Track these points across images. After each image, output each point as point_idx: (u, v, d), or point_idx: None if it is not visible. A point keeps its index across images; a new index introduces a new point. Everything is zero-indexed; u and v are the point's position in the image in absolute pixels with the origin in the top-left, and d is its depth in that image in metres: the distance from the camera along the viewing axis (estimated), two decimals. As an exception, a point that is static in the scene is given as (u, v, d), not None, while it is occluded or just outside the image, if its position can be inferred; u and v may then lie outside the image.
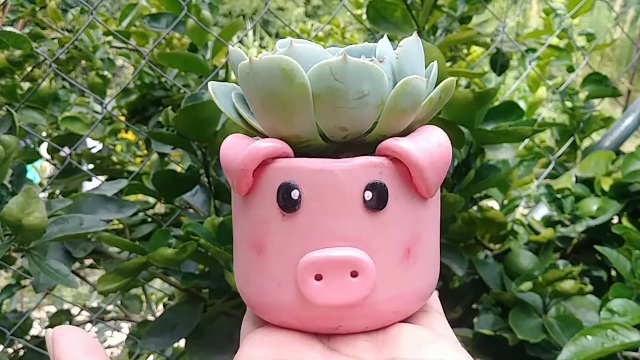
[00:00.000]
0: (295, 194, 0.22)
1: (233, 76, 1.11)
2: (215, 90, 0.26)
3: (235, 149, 0.24)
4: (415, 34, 0.25)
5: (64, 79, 0.98)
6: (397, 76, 0.23)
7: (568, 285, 0.74)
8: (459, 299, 0.89)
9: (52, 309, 1.49)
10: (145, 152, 1.18)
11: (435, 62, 0.26)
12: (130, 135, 1.22)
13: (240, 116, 0.25)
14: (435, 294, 0.28)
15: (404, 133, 0.24)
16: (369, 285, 0.22)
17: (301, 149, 0.24)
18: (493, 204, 1.01)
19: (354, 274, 0.22)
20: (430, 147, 0.23)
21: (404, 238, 0.23)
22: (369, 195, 0.22)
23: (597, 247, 0.71)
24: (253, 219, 0.24)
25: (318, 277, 0.22)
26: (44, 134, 1.05)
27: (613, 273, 0.90)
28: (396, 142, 0.23)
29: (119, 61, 1.22)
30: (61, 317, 1.01)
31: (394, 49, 0.24)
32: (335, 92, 0.22)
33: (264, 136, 0.24)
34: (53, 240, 0.62)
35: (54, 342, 0.24)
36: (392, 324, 0.24)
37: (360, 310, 0.23)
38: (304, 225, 0.23)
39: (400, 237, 0.23)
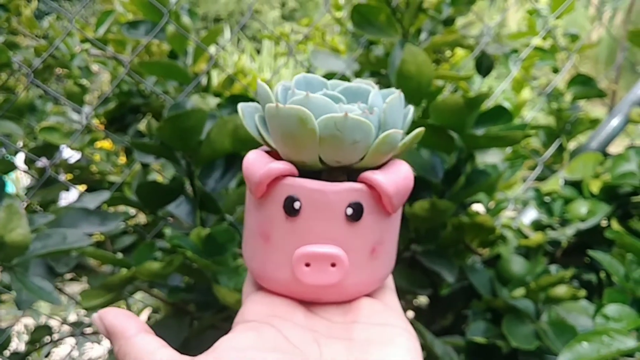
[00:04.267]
0: (297, 205, 0.30)
1: (214, 82, 1.10)
2: (244, 111, 0.33)
3: (256, 165, 0.31)
4: (399, 91, 0.32)
5: (40, 88, 0.96)
6: (382, 126, 0.31)
7: (561, 290, 0.73)
8: (450, 305, 0.88)
9: (30, 321, 1.45)
10: (124, 160, 1.16)
11: (412, 108, 0.34)
12: (107, 144, 1.19)
13: (261, 135, 0.32)
14: (390, 275, 0.36)
15: (382, 165, 0.32)
16: (343, 273, 0.31)
17: (304, 169, 0.31)
18: (478, 207, 1.00)
19: (333, 265, 0.30)
20: (397, 179, 0.31)
21: (372, 241, 0.32)
22: (350, 210, 0.30)
23: (590, 253, 0.70)
24: (264, 216, 0.32)
25: (307, 265, 0.30)
26: (20, 144, 1.02)
27: (602, 276, 0.89)
28: (373, 174, 0.31)
29: (95, 67, 1.19)
30: (42, 332, 0.98)
31: (380, 91, 0.32)
32: (335, 138, 0.29)
33: (276, 153, 0.32)
34: (36, 257, 0.60)
35: (104, 322, 0.31)
36: (356, 298, 0.33)
37: (335, 289, 0.31)
38: (301, 227, 0.31)
39: (368, 240, 0.31)
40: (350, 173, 0.32)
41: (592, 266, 0.89)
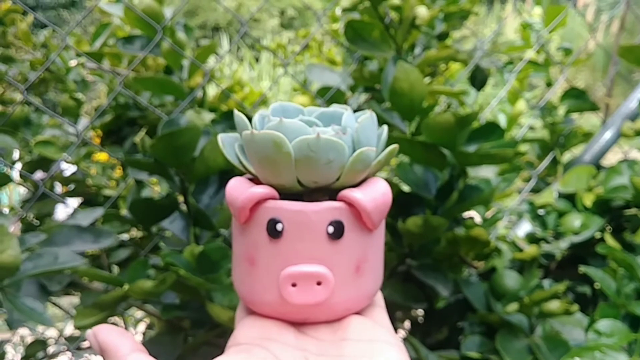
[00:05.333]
0: (279, 227, 0.31)
1: (210, 95, 1.10)
2: (224, 141, 0.34)
3: (238, 190, 0.32)
4: (370, 111, 0.33)
5: (34, 105, 0.96)
6: (356, 145, 0.32)
7: (554, 305, 0.73)
8: (445, 319, 0.88)
9: (26, 331, 1.45)
10: (120, 172, 1.16)
11: (386, 127, 0.34)
12: (104, 156, 1.19)
13: (241, 163, 0.33)
14: (379, 292, 0.36)
15: (359, 183, 0.33)
16: (329, 291, 0.31)
17: (284, 192, 0.32)
18: (474, 215, 1.00)
19: (319, 283, 0.31)
20: (375, 195, 0.32)
21: (355, 258, 0.32)
22: (331, 229, 0.31)
23: (582, 268, 0.71)
24: (248, 241, 0.32)
25: (293, 285, 0.31)
26: (16, 156, 1.03)
27: (597, 287, 0.89)
28: (351, 192, 0.31)
29: (90, 77, 1.20)
30: (37, 347, 0.98)
31: (356, 120, 0.33)
32: (310, 159, 0.30)
33: (258, 180, 0.33)
34: (27, 277, 0.60)
35: (98, 339, 0.31)
36: (345, 316, 0.33)
37: (323, 308, 0.32)
38: (284, 248, 0.31)
39: (352, 257, 0.32)
40: (330, 194, 0.33)
41: (586, 278, 0.89)
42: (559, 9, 1.07)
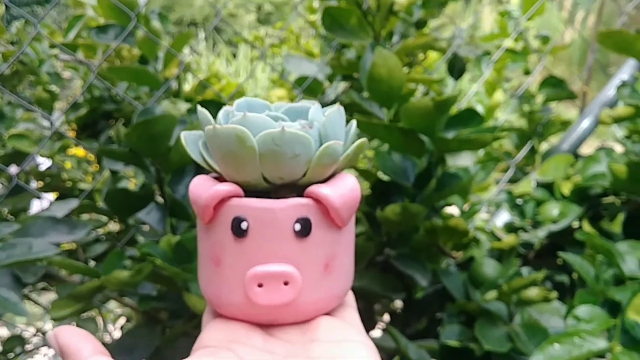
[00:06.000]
0: (244, 225, 0.30)
1: (186, 88, 1.09)
2: (187, 139, 0.33)
3: (201, 188, 0.31)
4: (337, 105, 0.32)
5: (5, 94, 0.94)
6: (323, 139, 0.31)
7: (533, 293, 0.74)
8: (424, 309, 0.88)
9: (4, 331, 1.43)
10: (97, 167, 1.14)
11: (354, 122, 0.34)
12: (80, 151, 1.18)
13: (205, 161, 0.32)
14: (350, 292, 0.36)
15: (327, 179, 0.32)
16: (297, 291, 0.30)
17: (250, 189, 0.31)
18: (453, 209, 1.00)
19: (286, 283, 0.30)
20: (343, 191, 0.31)
21: (324, 256, 0.31)
22: (298, 226, 0.30)
23: (560, 254, 0.71)
24: (213, 241, 0.31)
25: (260, 285, 0.30)
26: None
27: (575, 277, 0.90)
28: (318, 188, 0.31)
29: (67, 73, 1.18)
30: (14, 343, 0.97)
31: (324, 114, 0.32)
32: (275, 153, 0.29)
33: (223, 178, 0.32)
34: (1, 267, 0.59)
35: (59, 341, 0.30)
36: (314, 317, 0.32)
37: (291, 309, 0.31)
38: (250, 247, 0.30)
39: (320, 256, 0.31)
40: (297, 190, 0.32)
41: (564, 267, 0.90)
42: (535, -1, 1.07)
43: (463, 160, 0.79)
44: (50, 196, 1.04)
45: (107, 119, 1.08)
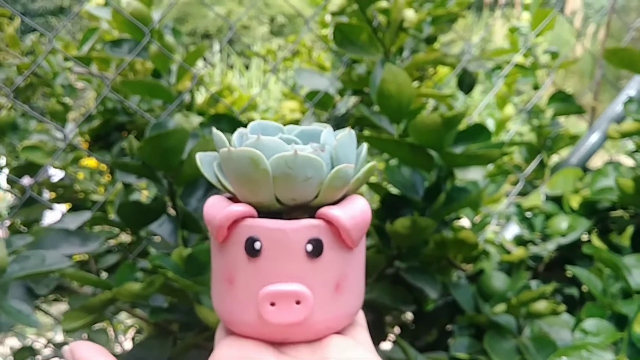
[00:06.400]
0: (257, 245, 0.31)
1: (199, 100, 1.10)
2: (202, 160, 0.34)
3: (215, 209, 0.32)
4: (349, 128, 0.33)
5: (21, 107, 0.95)
6: (334, 162, 0.32)
7: (541, 306, 0.74)
8: (434, 321, 0.88)
9: (15, 342, 1.44)
10: (109, 178, 1.15)
11: (365, 145, 0.35)
12: (92, 161, 1.19)
13: (220, 182, 0.33)
14: (361, 312, 0.36)
15: (338, 200, 0.33)
16: (309, 310, 0.31)
17: (262, 210, 0.32)
18: (465, 222, 1.01)
19: (298, 302, 0.31)
20: (354, 213, 0.32)
21: (335, 276, 0.32)
22: (309, 247, 0.31)
23: (568, 267, 0.71)
24: (226, 260, 0.32)
25: (272, 304, 0.31)
26: (3, 162, 1.02)
27: (585, 289, 0.90)
28: (330, 210, 0.31)
29: (79, 84, 1.19)
30: (25, 354, 0.98)
31: (335, 137, 0.33)
32: (288, 176, 0.30)
33: (237, 198, 0.33)
34: (14, 279, 0.60)
35: (75, 356, 0.31)
36: (325, 335, 0.33)
37: (302, 328, 0.31)
38: (263, 267, 0.31)
39: (331, 276, 0.32)
40: (309, 211, 0.32)
41: (574, 280, 0.90)
42: (546, 13, 1.08)
43: (472, 174, 0.80)
44: (63, 207, 1.05)
45: (120, 130, 1.09)
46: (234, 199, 0.33)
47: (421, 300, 0.87)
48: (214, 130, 0.33)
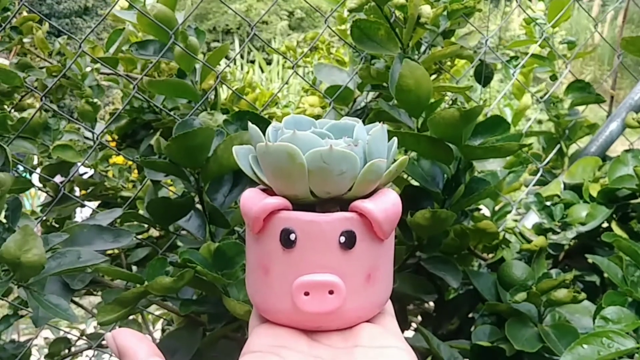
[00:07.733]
0: (292, 237, 0.32)
1: (223, 98, 1.12)
2: (238, 154, 0.35)
3: (252, 201, 0.33)
4: (381, 124, 0.34)
5: (52, 110, 0.98)
6: (367, 156, 0.33)
7: (562, 294, 0.75)
8: (455, 310, 0.90)
9: (49, 334, 1.48)
10: (137, 174, 1.18)
11: (395, 139, 0.36)
12: (120, 158, 1.22)
13: (256, 174, 0.34)
14: (389, 301, 0.37)
15: (371, 193, 0.34)
16: (341, 300, 0.32)
17: (297, 202, 0.33)
18: (484, 211, 1.02)
19: (331, 292, 0.32)
20: (385, 206, 0.33)
21: (366, 267, 0.33)
22: (343, 239, 0.32)
23: (588, 256, 0.72)
24: (262, 250, 0.33)
25: (306, 293, 0.32)
26: (35, 162, 1.05)
27: (606, 276, 0.91)
28: (363, 203, 0.32)
29: (106, 83, 1.22)
30: (60, 345, 1.01)
31: (368, 133, 0.34)
32: (323, 170, 0.31)
33: (272, 190, 0.34)
34: (51, 275, 0.62)
35: (117, 342, 0.32)
36: (356, 324, 0.34)
37: (335, 316, 0.33)
38: (297, 258, 0.32)
39: (363, 267, 0.33)
40: (342, 204, 0.34)
41: (595, 268, 0.91)
42: (562, 3, 1.08)
43: (491, 165, 0.81)
44: (94, 206, 1.08)
45: (147, 129, 1.12)
46: (268, 191, 0.34)
47: (442, 289, 0.89)
48: (250, 124, 0.34)
